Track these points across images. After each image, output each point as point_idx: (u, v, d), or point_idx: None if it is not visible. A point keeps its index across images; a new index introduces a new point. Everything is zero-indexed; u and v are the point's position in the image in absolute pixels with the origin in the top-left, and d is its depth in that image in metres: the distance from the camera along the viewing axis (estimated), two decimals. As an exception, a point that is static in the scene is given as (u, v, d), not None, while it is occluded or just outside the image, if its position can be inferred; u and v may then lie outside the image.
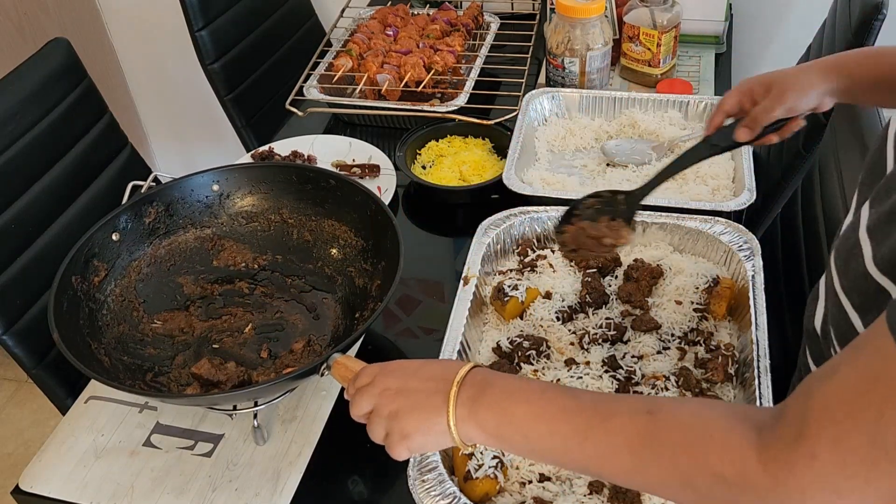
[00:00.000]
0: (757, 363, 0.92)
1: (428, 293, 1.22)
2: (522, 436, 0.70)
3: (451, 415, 0.72)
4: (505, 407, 0.71)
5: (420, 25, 1.71)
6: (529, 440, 0.70)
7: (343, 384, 0.83)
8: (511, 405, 0.71)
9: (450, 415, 0.72)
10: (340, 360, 0.84)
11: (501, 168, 1.32)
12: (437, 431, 0.73)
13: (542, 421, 0.69)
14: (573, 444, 0.68)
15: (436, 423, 0.72)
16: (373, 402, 0.76)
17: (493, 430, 0.71)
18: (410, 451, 0.75)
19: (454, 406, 0.72)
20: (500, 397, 0.72)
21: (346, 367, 0.83)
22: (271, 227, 1.16)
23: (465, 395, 0.72)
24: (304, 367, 0.87)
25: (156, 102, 2.71)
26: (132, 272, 1.09)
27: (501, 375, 0.75)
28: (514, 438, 0.71)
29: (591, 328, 1.02)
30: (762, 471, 0.57)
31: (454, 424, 0.72)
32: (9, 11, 2.20)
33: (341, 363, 0.84)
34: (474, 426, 0.72)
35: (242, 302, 1.13)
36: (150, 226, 1.11)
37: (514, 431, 0.71)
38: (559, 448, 0.69)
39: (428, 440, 0.74)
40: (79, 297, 1.00)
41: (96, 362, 0.95)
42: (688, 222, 1.12)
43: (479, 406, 0.72)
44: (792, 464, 0.56)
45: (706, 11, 1.65)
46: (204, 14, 1.81)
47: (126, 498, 0.93)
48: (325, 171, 1.15)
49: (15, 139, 1.32)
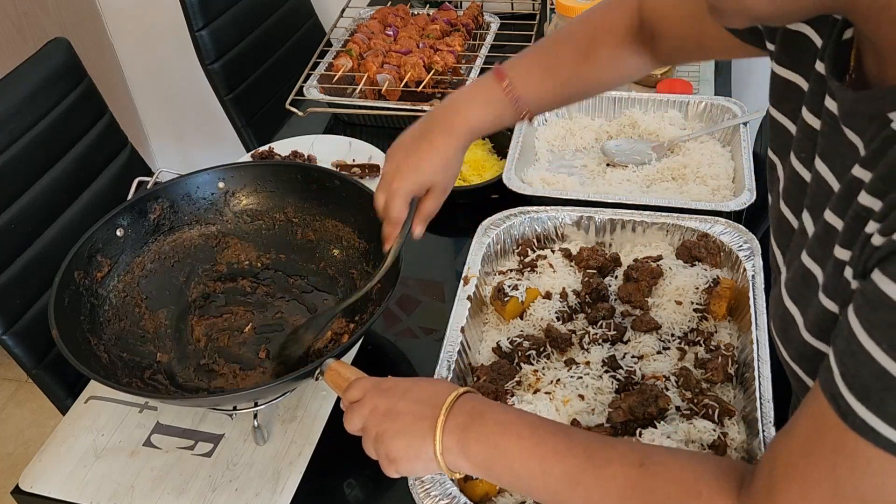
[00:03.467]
0: (757, 363, 0.91)
1: (428, 293, 1.21)
2: (512, 473, 0.70)
3: (437, 442, 0.71)
4: (495, 441, 0.71)
5: (420, 25, 1.71)
6: (519, 477, 0.70)
7: (336, 391, 0.83)
8: (502, 440, 0.70)
9: (436, 442, 0.71)
10: (334, 367, 0.84)
11: (501, 168, 1.32)
12: (424, 458, 0.72)
13: (534, 460, 0.69)
14: (563, 488, 0.68)
15: (422, 450, 0.72)
16: (362, 421, 0.76)
17: (482, 463, 0.71)
18: (399, 474, 0.75)
19: (441, 434, 0.71)
20: (490, 429, 0.71)
21: (339, 374, 0.83)
22: (275, 226, 1.16)
23: (454, 422, 0.72)
24: (299, 371, 0.87)
25: (156, 102, 2.71)
26: (136, 268, 1.09)
27: (492, 405, 0.75)
28: (502, 473, 0.71)
29: (591, 328, 1.02)
30: None
31: (440, 453, 0.71)
32: (9, 11, 2.20)
33: (334, 369, 0.84)
34: (462, 457, 0.71)
35: (244, 301, 1.13)
36: (155, 222, 1.11)
37: (503, 467, 0.71)
38: (550, 489, 0.69)
39: (415, 466, 0.74)
40: (80, 293, 1.01)
41: (94, 359, 0.95)
42: (688, 222, 1.12)
43: (469, 437, 0.71)
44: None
45: (706, 11, 1.65)
46: (204, 14, 1.81)
47: (126, 498, 0.93)
48: (331, 172, 1.16)
49: (15, 139, 1.32)
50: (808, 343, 0.65)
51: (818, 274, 0.63)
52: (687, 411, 0.90)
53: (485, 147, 1.44)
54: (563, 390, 0.95)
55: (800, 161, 0.68)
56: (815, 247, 0.64)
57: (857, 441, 0.53)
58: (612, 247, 1.16)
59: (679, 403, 0.91)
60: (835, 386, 0.54)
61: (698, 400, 0.91)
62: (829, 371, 0.55)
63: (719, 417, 0.88)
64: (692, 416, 0.89)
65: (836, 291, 0.60)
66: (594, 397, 0.94)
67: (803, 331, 0.66)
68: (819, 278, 0.63)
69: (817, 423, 0.56)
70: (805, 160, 0.68)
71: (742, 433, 0.88)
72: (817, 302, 0.62)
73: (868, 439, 0.52)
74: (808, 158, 0.67)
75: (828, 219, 0.61)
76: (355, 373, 0.83)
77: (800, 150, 0.68)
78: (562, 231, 1.16)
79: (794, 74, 0.69)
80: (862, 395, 0.52)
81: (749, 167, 1.23)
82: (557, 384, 0.95)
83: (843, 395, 0.53)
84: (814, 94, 0.65)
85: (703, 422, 0.88)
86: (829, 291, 0.61)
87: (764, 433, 0.84)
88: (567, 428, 0.73)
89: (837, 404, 0.54)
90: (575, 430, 0.72)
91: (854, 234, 0.57)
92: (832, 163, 0.62)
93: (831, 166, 0.62)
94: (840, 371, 0.54)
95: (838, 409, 0.54)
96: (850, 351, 0.53)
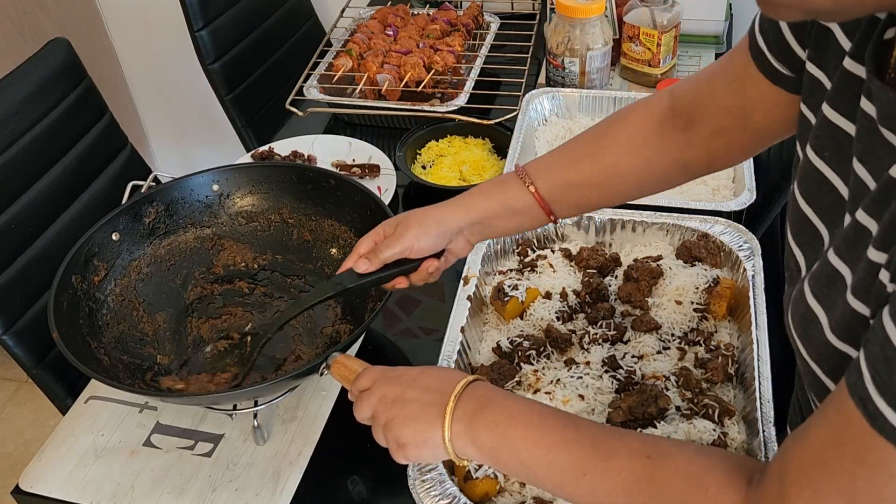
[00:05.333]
0: (757, 363, 0.92)
1: (428, 293, 1.22)
2: (519, 461, 0.70)
3: (446, 429, 0.71)
4: (504, 429, 0.70)
5: (420, 25, 1.71)
6: (526, 466, 0.70)
7: (343, 384, 0.83)
8: (510, 428, 0.70)
9: (445, 429, 0.71)
10: (340, 360, 0.84)
11: (501, 168, 1.32)
12: (433, 445, 0.72)
13: (541, 449, 0.69)
14: (569, 478, 0.67)
15: (430, 436, 0.72)
16: (371, 409, 0.76)
17: (490, 451, 0.71)
18: (408, 460, 0.75)
19: (450, 421, 0.71)
20: (499, 418, 0.71)
21: (346, 366, 0.83)
22: (271, 227, 1.16)
23: (463, 409, 0.72)
24: (303, 367, 0.87)
25: (156, 102, 2.71)
26: (132, 272, 1.09)
27: (502, 393, 0.75)
28: (509, 461, 0.71)
29: (591, 328, 1.02)
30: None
31: (449, 440, 0.71)
32: (9, 11, 2.20)
33: (341, 362, 0.84)
34: (470, 444, 0.71)
35: (242, 302, 1.13)
36: (151, 225, 1.11)
37: (510, 455, 0.70)
38: (555, 479, 0.69)
39: (423, 453, 0.74)
40: (79, 297, 1.00)
41: (95, 361, 0.95)
42: (688, 222, 1.12)
43: (478, 424, 0.71)
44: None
45: (706, 11, 1.65)
46: (204, 14, 1.81)
47: (126, 498, 0.93)
48: (325, 171, 1.15)
49: (15, 139, 1.32)
50: (830, 344, 0.63)
51: (846, 274, 0.61)
52: (687, 411, 0.90)
53: (485, 147, 1.44)
54: (563, 390, 0.95)
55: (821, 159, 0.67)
56: (844, 247, 0.62)
57: (884, 447, 0.51)
58: (612, 247, 1.16)
59: (679, 403, 0.91)
60: (864, 390, 0.53)
61: (698, 400, 0.91)
62: (860, 375, 0.53)
63: (719, 417, 0.88)
64: (692, 416, 0.89)
65: (869, 294, 0.58)
66: (594, 397, 0.94)
67: (827, 331, 0.64)
68: (847, 279, 0.61)
69: (840, 428, 0.55)
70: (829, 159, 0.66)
71: (742, 433, 0.89)
72: (844, 302, 0.61)
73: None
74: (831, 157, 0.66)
75: (860, 219, 0.60)
76: (362, 364, 0.83)
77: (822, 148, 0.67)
78: (562, 231, 1.16)
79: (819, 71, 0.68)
80: (894, 401, 0.51)
81: (749, 167, 1.23)
82: (557, 384, 0.95)
83: (874, 399, 0.52)
84: (839, 93, 0.64)
85: (703, 422, 0.88)
86: (859, 293, 0.59)
87: (764, 433, 0.84)
88: (576, 418, 0.72)
89: (866, 408, 0.52)
90: (585, 421, 0.71)
91: (891, 237, 0.55)
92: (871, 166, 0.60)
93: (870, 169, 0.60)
94: (871, 376, 0.52)
95: (866, 413, 0.52)
96: (883, 356, 0.52)
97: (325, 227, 1.14)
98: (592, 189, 0.89)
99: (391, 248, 0.88)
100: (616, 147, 0.88)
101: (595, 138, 0.90)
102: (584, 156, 0.89)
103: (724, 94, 0.81)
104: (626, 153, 0.87)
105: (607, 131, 0.89)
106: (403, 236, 0.88)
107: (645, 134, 0.87)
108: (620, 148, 0.88)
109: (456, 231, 0.90)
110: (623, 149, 0.88)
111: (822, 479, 0.55)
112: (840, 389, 0.56)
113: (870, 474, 0.53)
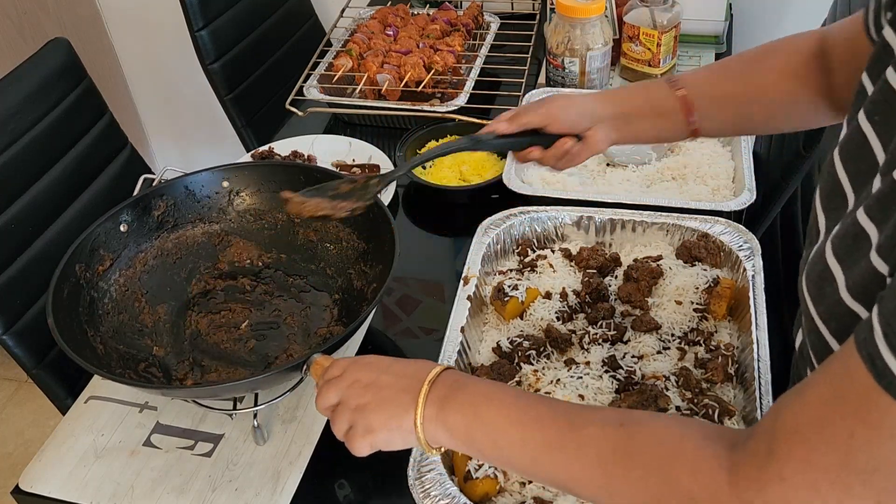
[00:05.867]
0: (757, 363, 0.92)
1: (428, 293, 1.22)
2: (491, 441, 0.69)
3: (418, 413, 0.71)
4: (476, 410, 0.70)
5: (420, 25, 1.71)
6: (499, 446, 0.69)
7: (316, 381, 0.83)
8: (483, 409, 0.69)
9: (417, 413, 0.71)
10: (318, 360, 0.84)
11: (501, 168, 1.32)
12: (403, 429, 0.72)
13: (515, 426, 0.68)
14: (543, 455, 0.66)
15: (402, 420, 0.71)
16: (340, 395, 0.75)
17: (462, 433, 0.70)
18: (372, 448, 0.74)
19: (423, 404, 0.71)
20: (472, 399, 0.70)
21: (322, 366, 0.83)
22: (277, 226, 1.17)
23: (436, 394, 0.71)
24: (286, 364, 0.87)
25: (156, 102, 2.71)
26: (138, 263, 1.10)
27: (475, 379, 0.74)
28: (482, 443, 0.70)
29: (592, 328, 1.02)
30: (732, 493, 0.56)
31: (420, 423, 0.71)
32: (9, 11, 2.20)
33: (318, 363, 0.84)
34: (441, 427, 0.70)
35: (243, 298, 1.13)
36: (159, 219, 1.12)
37: (483, 436, 0.69)
38: (529, 457, 0.67)
39: (392, 437, 0.73)
40: (81, 285, 1.01)
41: (90, 349, 0.96)
42: (688, 222, 1.12)
43: (449, 407, 0.70)
44: (762, 484, 0.55)
45: (706, 11, 1.65)
46: (204, 14, 1.81)
47: (126, 498, 0.94)
48: (332, 172, 1.16)
49: (15, 139, 1.32)
50: (843, 303, 0.62)
51: (873, 234, 0.60)
52: (687, 411, 0.90)
53: (485, 147, 1.44)
54: (563, 390, 0.95)
55: (870, 123, 0.67)
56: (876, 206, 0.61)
57: (888, 405, 0.50)
58: (612, 247, 1.16)
59: (679, 403, 0.91)
60: (874, 346, 0.51)
61: (698, 400, 0.91)
62: (870, 331, 0.52)
63: (719, 417, 0.88)
64: (692, 416, 0.89)
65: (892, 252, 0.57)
66: (594, 397, 0.94)
67: (842, 289, 0.63)
68: (873, 238, 0.60)
69: (843, 384, 0.53)
70: (877, 122, 0.65)
71: (742, 433, 0.88)
72: (867, 262, 0.60)
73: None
74: (880, 121, 0.65)
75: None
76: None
77: (874, 111, 0.66)
78: (562, 231, 1.16)
79: (893, 36, 0.68)
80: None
81: (749, 167, 1.23)
82: (557, 384, 0.95)
83: (883, 356, 0.51)
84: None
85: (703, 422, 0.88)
86: (883, 252, 0.58)
87: (764, 433, 0.84)
88: (552, 399, 0.72)
89: (874, 364, 0.51)
90: (560, 401, 0.71)
91: None
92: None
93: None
94: (884, 331, 0.51)
95: (874, 369, 0.51)
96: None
97: (329, 228, 1.15)
98: (741, 105, 0.94)
99: (534, 112, 0.93)
100: (769, 73, 0.92)
101: (748, 61, 0.93)
102: (737, 74, 0.93)
103: (851, 43, 0.83)
104: (777, 79, 0.91)
105: (761, 58, 0.92)
106: (547, 104, 0.94)
107: (794, 67, 0.90)
108: (773, 74, 0.92)
109: (598, 117, 0.95)
110: (775, 75, 0.92)
111: (816, 437, 0.53)
112: (847, 346, 0.54)
113: (869, 433, 0.51)
